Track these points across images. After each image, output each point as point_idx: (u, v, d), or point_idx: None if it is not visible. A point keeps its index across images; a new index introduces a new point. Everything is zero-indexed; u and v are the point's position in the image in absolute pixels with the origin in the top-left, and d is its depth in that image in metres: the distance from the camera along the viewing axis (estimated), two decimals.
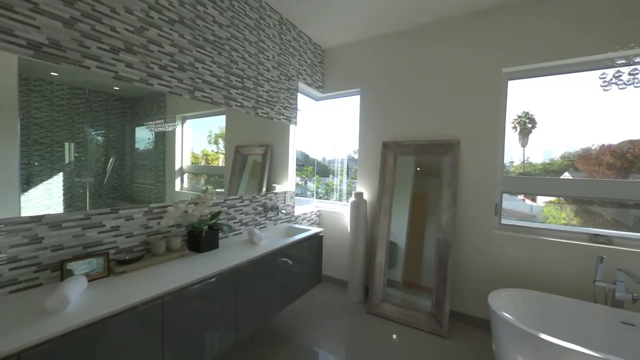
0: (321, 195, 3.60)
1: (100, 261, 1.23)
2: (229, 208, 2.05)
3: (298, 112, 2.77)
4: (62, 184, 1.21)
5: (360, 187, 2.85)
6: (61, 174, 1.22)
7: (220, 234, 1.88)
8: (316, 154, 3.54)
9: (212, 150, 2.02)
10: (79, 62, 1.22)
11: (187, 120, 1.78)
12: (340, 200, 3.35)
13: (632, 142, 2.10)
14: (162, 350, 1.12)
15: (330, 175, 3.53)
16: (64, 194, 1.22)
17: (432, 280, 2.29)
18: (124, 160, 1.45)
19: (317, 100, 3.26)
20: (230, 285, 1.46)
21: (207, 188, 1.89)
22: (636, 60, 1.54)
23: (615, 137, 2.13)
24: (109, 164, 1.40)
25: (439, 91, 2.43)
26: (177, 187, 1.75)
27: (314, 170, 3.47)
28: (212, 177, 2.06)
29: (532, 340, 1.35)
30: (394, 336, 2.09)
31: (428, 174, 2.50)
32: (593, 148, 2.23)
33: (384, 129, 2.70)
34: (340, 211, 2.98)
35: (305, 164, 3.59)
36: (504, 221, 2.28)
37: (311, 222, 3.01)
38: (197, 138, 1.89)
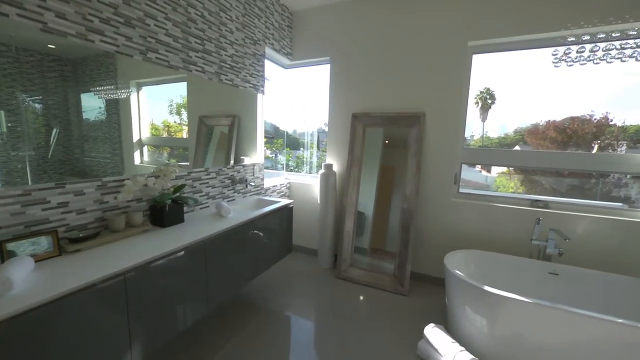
0: (292, 168, 3.58)
1: (48, 240, 1.14)
2: (194, 181, 1.97)
3: (266, 80, 2.64)
4: None
5: (330, 159, 2.88)
6: None
7: (185, 208, 1.82)
8: (287, 126, 3.46)
9: (175, 122, 1.89)
10: None
11: (143, 87, 1.62)
12: (310, 173, 3.37)
13: (573, 119, 2.32)
14: (128, 326, 1.11)
15: (301, 148, 3.50)
16: None
17: (396, 245, 2.46)
18: (71, 131, 1.31)
19: (286, 68, 3.12)
20: (198, 259, 1.45)
21: (168, 160, 1.79)
22: (584, 39, 1.65)
23: (560, 113, 2.34)
24: (53, 136, 1.25)
25: (408, 63, 2.44)
26: (137, 161, 1.63)
27: (284, 142, 3.41)
28: (176, 150, 1.95)
29: (477, 292, 1.54)
30: (361, 297, 2.27)
31: (395, 146, 2.58)
32: (541, 124, 2.46)
33: (353, 100, 2.69)
34: (311, 183, 3.02)
35: (275, 137, 3.51)
36: (461, 190, 2.47)
37: (281, 194, 3.01)
38: (157, 108, 1.74)
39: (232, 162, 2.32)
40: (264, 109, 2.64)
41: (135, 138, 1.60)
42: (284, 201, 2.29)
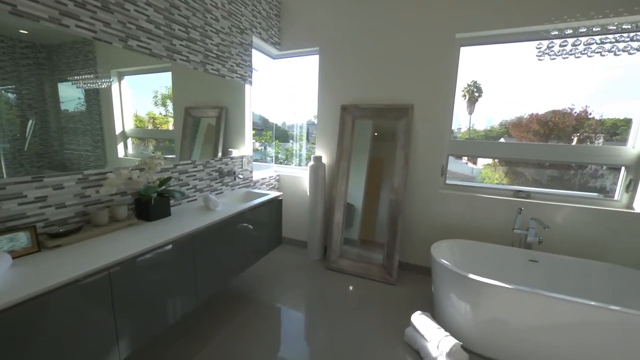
0: (281, 160, 3.56)
1: (27, 235, 1.10)
2: (181, 174, 1.93)
3: (254, 71, 2.58)
4: None
5: (319, 151, 2.87)
6: None
7: (172, 201, 1.79)
8: (276, 118, 3.42)
9: (160, 113, 1.83)
10: None
11: (125, 77, 1.55)
12: (300, 166, 3.36)
13: (554, 112, 2.40)
14: (115, 321, 1.09)
15: (291, 141, 3.47)
16: None
17: (384, 236, 2.50)
18: (48, 122, 1.25)
19: (274, 58, 3.06)
20: (186, 252, 1.43)
21: (154, 153, 1.74)
22: (567, 32, 1.68)
23: (543, 107, 2.41)
24: (29, 127, 1.19)
25: (396, 55, 2.43)
26: (121, 154, 1.58)
27: (273, 135, 3.38)
28: (162, 143, 1.90)
29: (461, 279, 1.60)
30: (350, 288, 2.31)
31: (384, 139, 2.60)
32: (524, 117, 2.53)
33: (343, 91, 2.67)
34: (300, 175, 3.01)
35: (264, 129, 3.47)
36: (448, 181, 2.52)
37: (270, 186, 3.00)
38: (141, 99, 1.68)
39: (219, 154, 2.28)
40: (252, 100, 2.60)
41: (118, 130, 1.55)
42: (273, 193, 2.28)
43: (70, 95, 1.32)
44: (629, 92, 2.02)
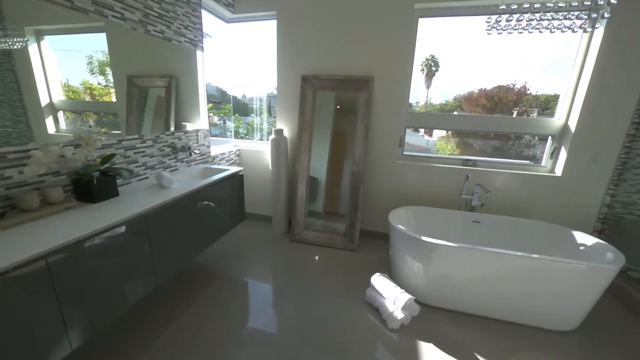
0: (243, 135, 3.41)
1: None
2: (127, 150, 1.75)
3: (207, 37, 2.35)
4: None
5: (280, 124, 2.79)
6: None
7: (119, 180, 1.64)
8: (235, 91, 3.20)
9: (99, 83, 1.60)
10: None
11: (46, 37, 1.31)
12: (262, 140, 3.25)
13: (500, 87, 2.61)
14: (61, 312, 1.01)
15: (252, 115, 3.32)
16: None
17: (347, 207, 2.60)
18: None
19: (228, 22, 2.80)
20: (140, 234, 1.35)
21: (90, 127, 1.54)
22: (512, 7, 1.77)
23: (490, 82, 2.60)
24: None
25: (357, 23, 2.37)
26: (51, 129, 1.38)
27: (231, 108, 3.18)
28: (105, 117, 1.68)
29: (415, 242, 1.75)
30: (316, 257, 2.40)
31: (347, 112, 2.60)
32: (475, 92, 2.71)
33: (302, 61, 2.57)
34: (262, 149, 2.93)
35: (222, 102, 3.25)
36: (405, 152, 2.65)
37: (230, 162, 2.88)
38: (71, 65, 1.44)
39: (172, 128, 2.11)
40: (205, 69, 2.38)
41: (44, 101, 1.33)
42: (234, 169, 2.20)
43: None
44: (558, 70, 2.24)
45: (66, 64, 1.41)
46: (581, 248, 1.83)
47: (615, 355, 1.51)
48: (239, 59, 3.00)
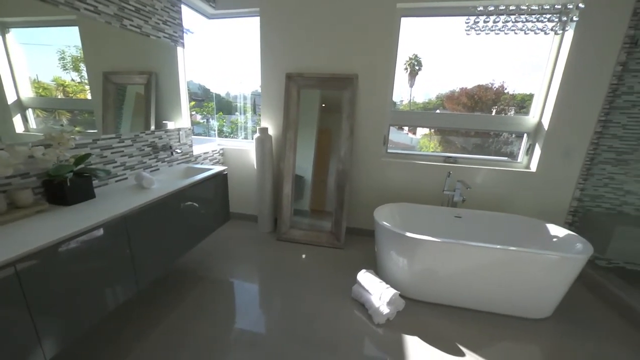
0: (227, 134, 3.35)
1: None
2: (103, 149, 1.68)
3: (188, 33, 2.28)
4: None
5: (265, 122, 2.76)
6: None
7: (96, 182, 1.57)
8: (218, 88, 3.13)
9: (72, 80, 1.52)
10: None
11: (12, 30, 1.23)
12: (247, 139, 3.20)
13: (479, 87, 2.69)
14: (33, 321, 0.96)
15: (236, 113, 3.26)
16: None
17: (333, 205, 2.61)
18: None
19: (210, 18, 2.74)
20: (119, 237, 1.30)
21: (62, 125, 1.47)
22: (490, 9, 1.84)
23: (471, 81, 2.68)
24: None
25: (340, 22, 2.38)
26: (20, 128, 1.30)
27: (214, 106, 3.12)
28: (80, 115, 1.60)
29: (399, 238, 1.78)
30: (303, 256, 2.40)
31: (332, 110, 2.61)
32: (456, 90, 2.79)
33: (287, 59, 2.55)
34: (247, 148, 2.89)
35: (205, 100, 3.17)
36: (389, 150, 2.69)
37: (214, 161, 2.83)
38: (41, 60, 1.36)
39: (152, 127, 2.04)
40: (186, 66, 2.32)
41: (11, 99, 1.25)
42: (218, 168, 2.16)
43: None
44: (533, 70, 2.34)
45: (36, 59, 1.33)
46: (554, 240, 1.93)
47: (586, 339, 1.61)
48: (222, 56, 2.94)
